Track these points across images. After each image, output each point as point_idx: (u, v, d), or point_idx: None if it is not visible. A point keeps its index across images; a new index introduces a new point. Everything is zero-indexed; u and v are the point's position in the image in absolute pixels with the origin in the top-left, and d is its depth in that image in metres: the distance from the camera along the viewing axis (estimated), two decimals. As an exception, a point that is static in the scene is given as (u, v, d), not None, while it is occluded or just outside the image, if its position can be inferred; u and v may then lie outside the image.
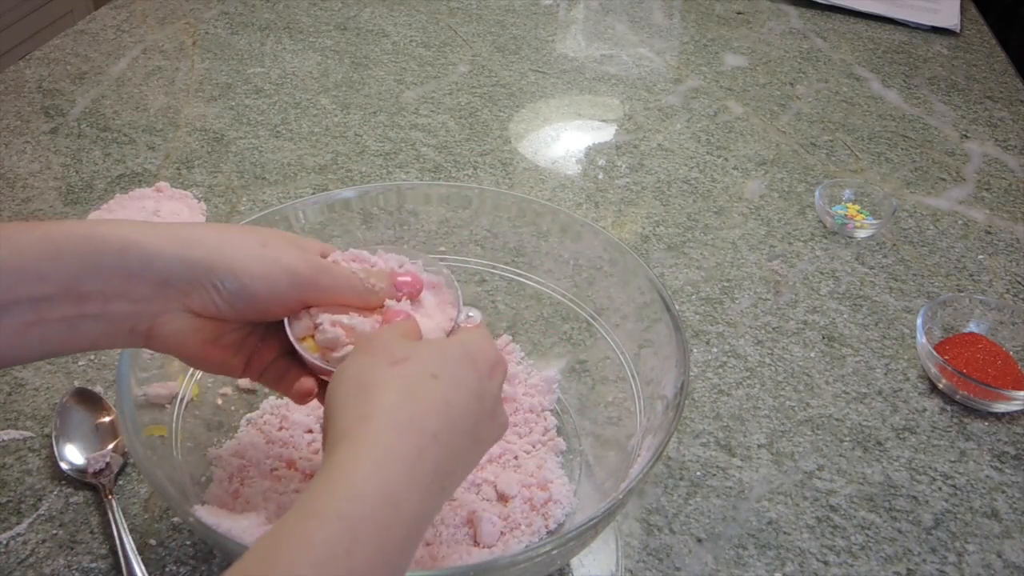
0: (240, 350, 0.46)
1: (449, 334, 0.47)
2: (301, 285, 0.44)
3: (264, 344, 0.47)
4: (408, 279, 0.48)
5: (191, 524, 0.42)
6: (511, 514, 0.53)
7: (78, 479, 0.57)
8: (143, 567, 0.51)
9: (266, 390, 0.60)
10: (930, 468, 0.62)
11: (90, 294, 0.40)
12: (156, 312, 0.42)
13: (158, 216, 0.79)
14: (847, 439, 0.64)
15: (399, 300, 0.47)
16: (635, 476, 0.44)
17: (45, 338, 0.40)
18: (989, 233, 0.85)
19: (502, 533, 0.52)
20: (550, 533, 0.53)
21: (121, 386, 0.47)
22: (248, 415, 0.59)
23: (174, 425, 0.52)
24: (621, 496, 0.43)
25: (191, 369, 0.54)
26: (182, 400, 0.53)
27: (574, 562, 0.54)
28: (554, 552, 0.42)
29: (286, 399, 0.58)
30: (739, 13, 1.28)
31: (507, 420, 0.43)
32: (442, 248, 0.64)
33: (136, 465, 0.44)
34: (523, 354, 0.64)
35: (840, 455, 0.63)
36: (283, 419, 0.58)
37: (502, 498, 0.54)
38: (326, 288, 0.44)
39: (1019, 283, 0.79)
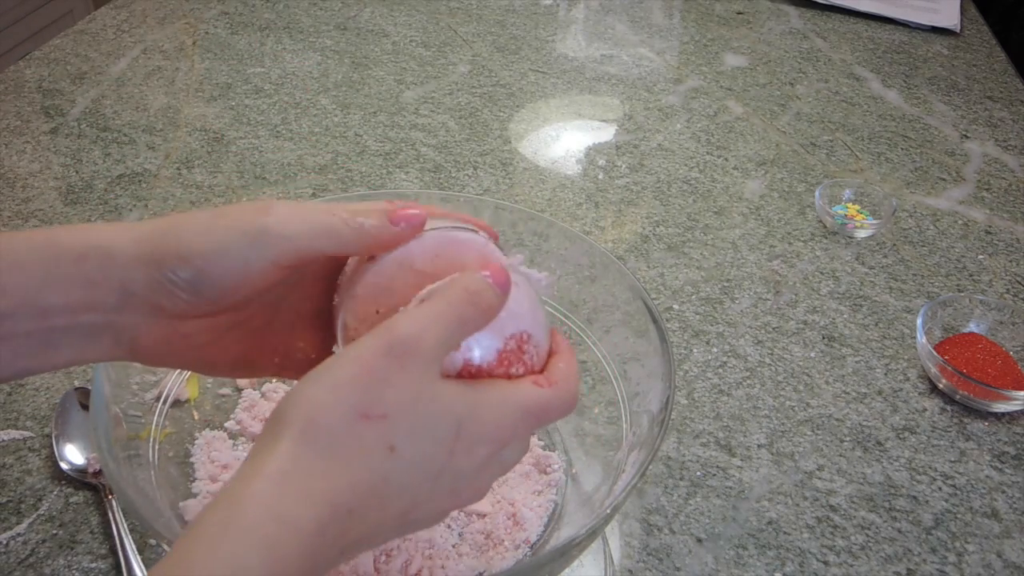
0: (252, 343, 0.40)
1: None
2: (264, 244, 0.36)
3: (302, 329, 0.41)
4: (412, 211, 0.38)
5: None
6: (493, 530, 0.52)
7: (78, 479, 0.57)
8: (143, 567, 0.51)
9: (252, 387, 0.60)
10: (930, 468, 0.62)
11: (53, 307, 0.36)
12: (132, 323, 0.37)
13: None
14: (847, 439, 0.64)
15: (396, 238, 0.38)
16: (619, 493, 0.44)
17: (17, 354, 0.36)
18: (989, 233, 0.85)
19: (483, 550, 0.52)
20: (532, 547, 0.52)
21: (95, 400, 0.46)
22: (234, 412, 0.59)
23: (157, 427, 0.51)
24: (607, 512, 0.43)
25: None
26: (167, 399, 0.53)
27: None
28: (535, 573, 0.41)
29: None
30: (739, 13, 1.28)
31: (474, 498, 0.36)
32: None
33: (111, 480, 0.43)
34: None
35: (840, 455, 0.63)
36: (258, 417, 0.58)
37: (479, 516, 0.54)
38: (296, 237, 0.36)
39: (1019, 283, 0.79)
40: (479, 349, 0.36)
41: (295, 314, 0.41)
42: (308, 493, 0.30)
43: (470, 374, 0.36)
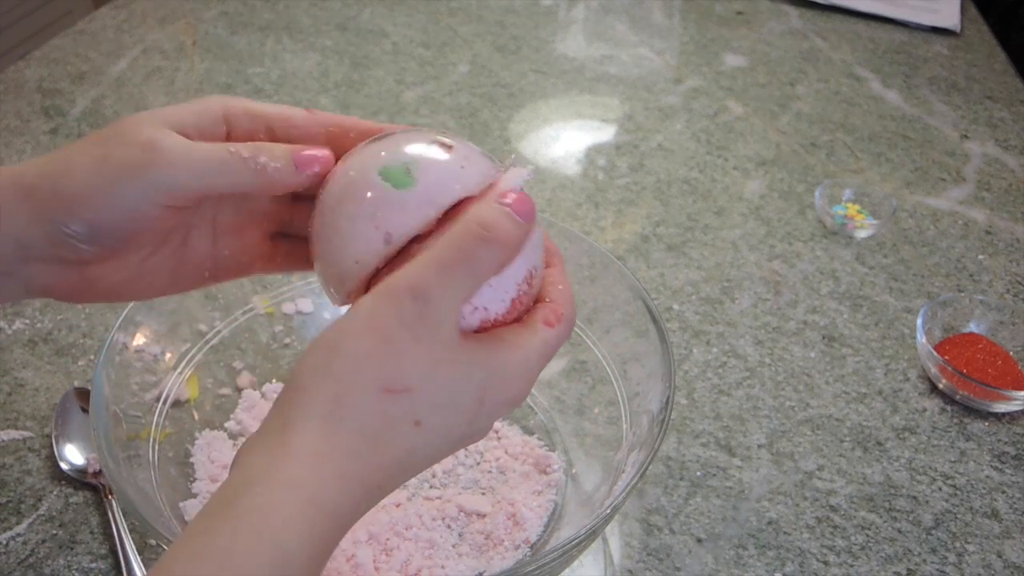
0: (174, 266, 0.39)
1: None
2: (152, 189, 0.34)
3: (224, 238, 0.39)
4: (316, 153, 0.35)
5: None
6: (493, 530, 0.52)
7: (78, 479, 0.57)
8: (143, 567, 0.51)
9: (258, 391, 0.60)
10: (930, 468, 0.62)
11: None
12: (37, 272, 0.36)
13: None
14: (847, 439, 0.64)
15: (300, 185, 0.35)
16: (619, 493, 0.44)
17: None
18: (989, 233, 0.85)
19: (482, 550, 0.52)
20: (532, 547, 0.52)
21: (95, 400, 0.46)
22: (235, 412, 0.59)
23: (157, 427, 0.51)
24: (607, 512, 0.43)
25: (179, 368, 0.54)
26: (167, 399, 0.53)
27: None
28: (535, 573, 0.41)
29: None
30: (739, 13, 1.28)
31: (481, 437, 0.36)
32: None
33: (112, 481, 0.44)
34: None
35: (840, 455, 0.63)
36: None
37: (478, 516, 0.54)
38: (186, 180, 0.34)
39: (1019, 283, 0.79)
40: (491, 301, 0.34)
41: (211, 229, 0.40)
42: (343, 476, 0.30)
43: (485, 329, 0.34)
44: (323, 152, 0.36)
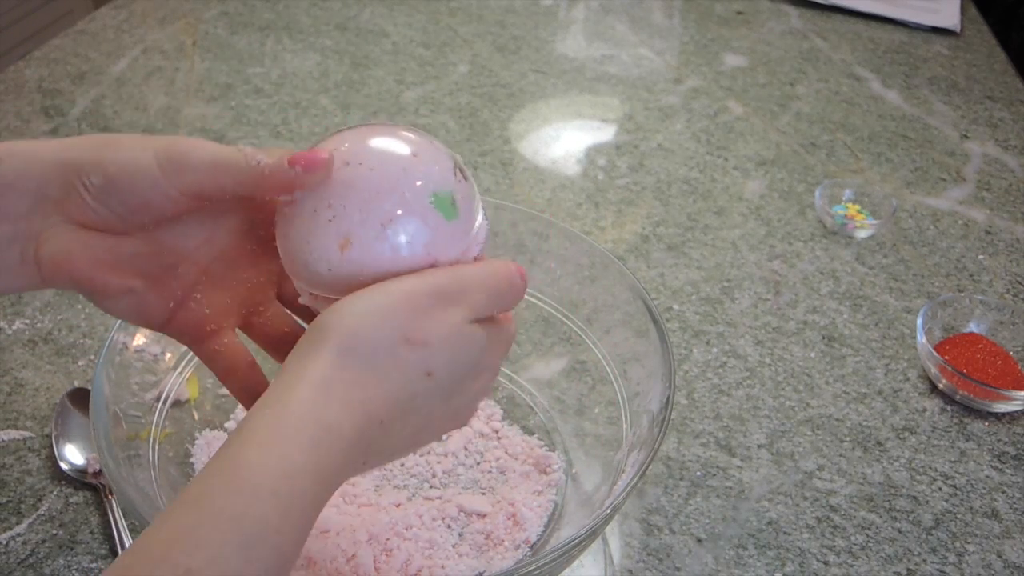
0: (151, 281, 0.40)
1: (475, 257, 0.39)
2: (173, 168, 0.37)
3: (204, 284, 0.42)
4: (314, 155, 0.37)
5: None
6: (493, 530, 0.52)
7: (78, 479, 0.57)
8: (143, 567, 0.51)
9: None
10: (930, 468, 0.62)
11: None
12: (39, 229, 0.38)
13: None
14: (847, 439, 0.64)
15: (290, 181, 0.37)
16: (619, 493, 0.44)
17: None
18: (989, 233, 0.85)
19: (482, 550, 0.52)
20: (532, 547, 0.52)
21: (95, 400, 0.46)
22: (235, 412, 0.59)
23: (157, 427, 0.51)
24: (607, 512, 0.43)
25: (179, 368, 0.54)
26: (167, 399, 0.53)
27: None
28: (535, 573, 0.41)
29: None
30: (739, 13, 1.28)
31: (466, 420, 0.40)
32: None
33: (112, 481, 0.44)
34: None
35: (840, 455, 0.63)
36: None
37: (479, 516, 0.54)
38: (201, 166, 0.37)
39: (1019, 283, 0.79)
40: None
41: (202, 268, 0.42)
42: (347, 401, 0.33)
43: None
44: (320, 155, 0.38)
